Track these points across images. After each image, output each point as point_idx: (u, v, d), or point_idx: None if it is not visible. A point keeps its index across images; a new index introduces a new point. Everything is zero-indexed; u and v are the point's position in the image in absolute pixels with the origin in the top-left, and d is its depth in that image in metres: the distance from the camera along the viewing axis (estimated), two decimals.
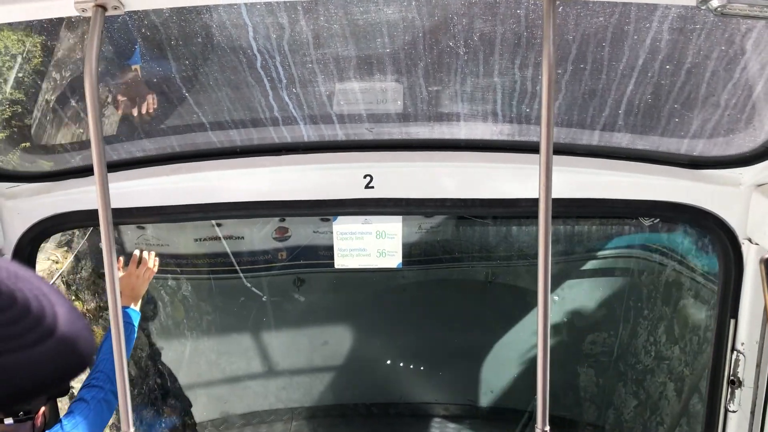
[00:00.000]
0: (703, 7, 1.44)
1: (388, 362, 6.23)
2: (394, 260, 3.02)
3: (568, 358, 6.05)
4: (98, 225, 1.59)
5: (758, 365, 2.51)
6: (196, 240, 5.44)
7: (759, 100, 2.35)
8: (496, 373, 6.18)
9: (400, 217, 2.95)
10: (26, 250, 2.66)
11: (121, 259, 3.07)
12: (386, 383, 6.21)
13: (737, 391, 2.54)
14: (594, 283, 5.67)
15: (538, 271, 1.54)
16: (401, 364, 6.28)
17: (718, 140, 2.55)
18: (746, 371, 2.51)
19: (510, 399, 6.00)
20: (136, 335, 3.00)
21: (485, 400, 6.18)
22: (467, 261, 6.26)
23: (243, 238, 5.60)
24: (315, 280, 5.89)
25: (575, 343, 5.99)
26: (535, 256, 1.57)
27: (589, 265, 5.61)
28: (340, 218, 2.93)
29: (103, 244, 1.58)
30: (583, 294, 5.78)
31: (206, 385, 5.78)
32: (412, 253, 5.68)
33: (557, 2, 1.45)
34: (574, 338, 6.02)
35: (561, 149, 2.44)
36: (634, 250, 5.18)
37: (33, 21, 1.89)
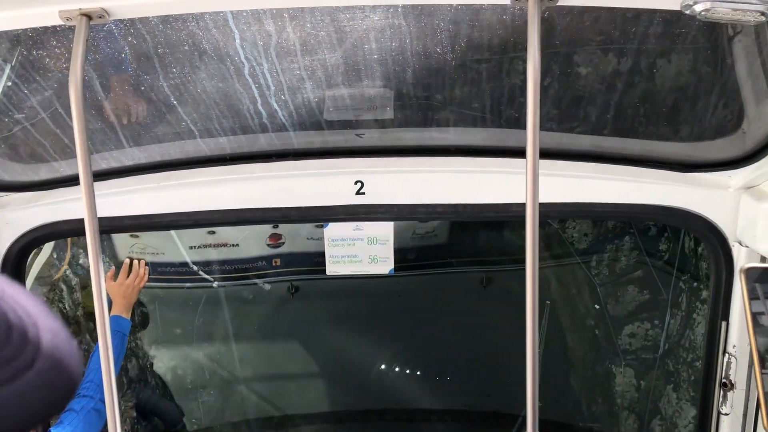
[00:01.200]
0: (687, 12, 1.44)
1: (383, 368, 6.22)
2: (386, 266, 3.02)
3: (566, 364, 6.05)
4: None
5: (750, 368, 2.51)
6: (191, 248, 5.43)
7: (747, 102, 2.36)
8: (493, 378, 6.17)
9: (391, 223, 2.95)
10: (15, 261, 2.65)
11: (113, 268, 3.06)
12: (381, 389, 6.20)
13: (729, 394, 2.54)
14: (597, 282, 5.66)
15: (525, 276, 1.54)
16: (396, 370, 6.26)
17: (706, 143, 2.56)
18: (738, 374, 2.51)
19: (506, 404, 5.99)
20: (126, 344, 2.99)
21: (481, 405, 6.17)
22: (461, 266, 6.25)
23: (238, 245, 5.59)
24: (309, 286, 5.88)
25: (571, 350, 5.99)
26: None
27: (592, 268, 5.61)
28: (331, 225, 2.93)
29: (90, 254, 1.57)
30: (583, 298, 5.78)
31: (197, 394, 5.76)
32: (405, 258, 5.68)
33: (542, 7, 1.45)
34: (570, 345, 6.02)
35: (550, 153, 2.44)
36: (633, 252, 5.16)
37: (17, 30, 1.89)
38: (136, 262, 3.09)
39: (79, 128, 1.53)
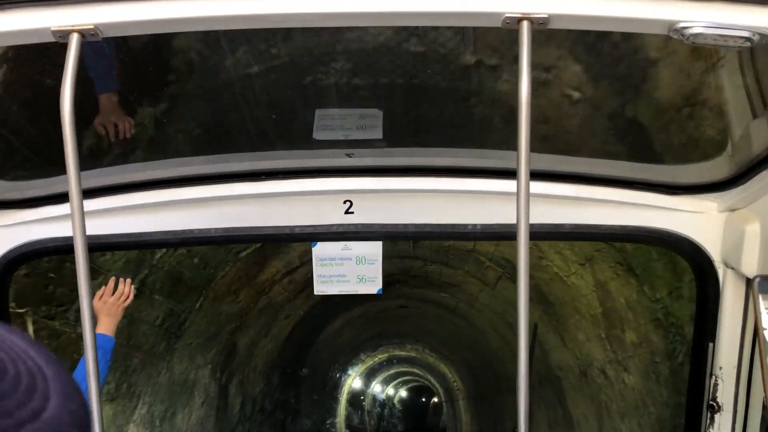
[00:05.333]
0: (675, 36, 1.47)
1: (371, 385, 6.20)
2: (374, 286, 3.00)
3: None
4: (73, 252, 1.56)
5: (736, 389, 2.52)
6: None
7: (731, 126, 2.40)
8: (481, 394, 6.17)
9: (379, 243, 2.94)
10: None
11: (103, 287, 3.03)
12: (369, 407, 6.19)
13: (716, 416, 2.54)
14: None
15: (517, 295, 1.54)
16: (385, 388, 6.25)
17: (692, 166, 2.60)
18: (725, 396, 2.51)
19: (496, 423, 5.99)
20: (110, 362, 2.95)
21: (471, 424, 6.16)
22: (453, 281, 6.26)
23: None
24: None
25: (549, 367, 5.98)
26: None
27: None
28: (319, 244, 2.92)
29: (78, 272, 1.56)
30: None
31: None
32: (392, 276, 5.68)
33: (532, 30, 1.47)
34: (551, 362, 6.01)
35: (539, 174, 2.45)
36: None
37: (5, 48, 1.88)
38: (121, 280, 3.05)
39: (70, 145, 1.52)
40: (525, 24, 1.44)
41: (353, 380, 16.37)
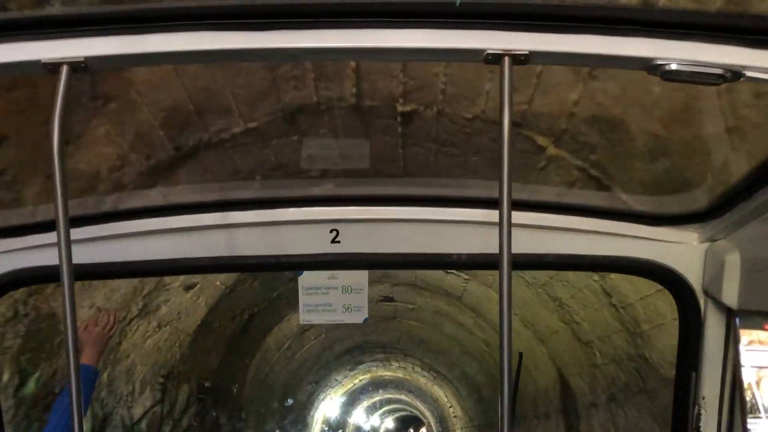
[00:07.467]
0: (651, 73, 1.51)
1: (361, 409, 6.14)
2: (360, 315, 3.01)
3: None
4: (57, 281, 1.56)
5: (719, 419, 2.53)
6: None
7: (712, 158, 2.45)
8: (487, 422, 6.12)
9: (365, 272, 2.96)
10: None
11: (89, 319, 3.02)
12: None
13: None
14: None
15: (500, 327, 1.55)
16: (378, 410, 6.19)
17: (674, 197, 2.64)
18: (708, 425, 2.53)
19: None
20: (93, 393, 2.92)
21: None
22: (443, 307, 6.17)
23: None
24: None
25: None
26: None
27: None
28: (305, 273, 2.93)
29: (64, 301, 1.55)
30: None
31: None
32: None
33: (513, 66, 1.50)
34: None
35: (521, 204, 2.49)
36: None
37: None
38: (105, 310, 3.05)
39: (58, 175, 1.52)
40: (506, 60, 1.48)
41: (324, 407, 13.99)
